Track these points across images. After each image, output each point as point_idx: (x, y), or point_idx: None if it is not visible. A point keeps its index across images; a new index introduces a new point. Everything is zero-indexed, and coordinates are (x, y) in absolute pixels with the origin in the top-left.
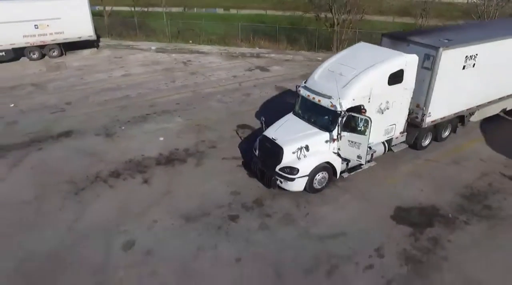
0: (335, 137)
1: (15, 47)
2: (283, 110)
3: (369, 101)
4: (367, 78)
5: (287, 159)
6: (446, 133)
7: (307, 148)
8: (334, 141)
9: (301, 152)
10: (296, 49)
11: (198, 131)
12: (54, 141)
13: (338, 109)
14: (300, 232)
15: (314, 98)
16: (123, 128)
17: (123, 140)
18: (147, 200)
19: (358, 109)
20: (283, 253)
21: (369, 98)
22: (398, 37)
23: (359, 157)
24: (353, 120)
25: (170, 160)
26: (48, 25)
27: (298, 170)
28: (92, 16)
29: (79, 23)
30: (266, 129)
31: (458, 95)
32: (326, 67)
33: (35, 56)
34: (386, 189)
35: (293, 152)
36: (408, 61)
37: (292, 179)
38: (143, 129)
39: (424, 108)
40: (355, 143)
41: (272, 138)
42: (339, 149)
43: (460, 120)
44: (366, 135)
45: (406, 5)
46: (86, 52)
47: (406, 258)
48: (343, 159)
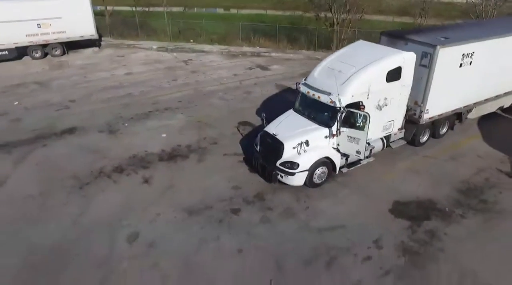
0: (335, 133)
1: (18, 46)
2: (284, 107)
3: (368, 98)
4: (366, 75)
5: (288, 154)
6: (444, 130)
7: (307, 143)
8: (334, 137)
9: (301, 147)
10: (296, 48)
11: (200, 128)
12: (58, 138)
13: (338, 105)
14: (300, 225)
15: (314, 95)
16: (126, 125)
17: (126, 137)
18: (150, 195)
19: (357, 106)
20: (284, 245)
21: (368, 95)
22: (397, 36)
23: (358, 152)
24: (352, 116)
25: (173, 156)
26: (51, 25)
27: (299, 165)
28: (94, 16)
29: (81, 23)
30: (267, 125)
31: (455, 93)
32: (326, 65)
33: (38, 55)
34: (385, 184)
35: (294, 147)
36: (406, 59)
37: (293, 174)
38: (146, 126)
39: (422, 105)
40: (354, 139)
41: (273, 134)
42: (339, 145)
43: (458, 117)
44: (365, 131)
45: (405, 5)
46: (88, 51)
47: (404, 250)
48: (343, 155)
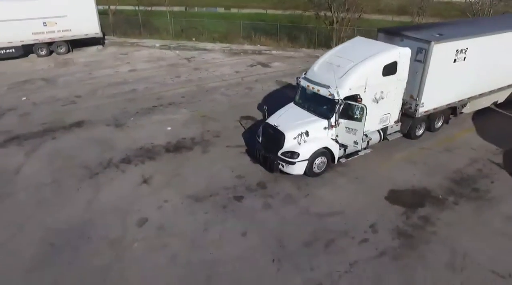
0: (333, 124)
1: (25, 44)
2: (284, 102)
3: (365, 91)
4: (363, 69)
5: (289, 144)
6: (439, 124)
7: (307, 134)
8: (332, 128)
9: (302, 138)
10: (297, 47)
11: (203, 122)
12: (67, 131)
13: (336, 98)
14: (301, 211)
15: (314, 88)
16: (132, 119)
17: (133, 130)
18: (158, 183)
19: (355, 98)
20: (285, 228)
21: (365, 88)
22: (393, 32)
23: (356, 143)
24: (350, 108)
25: (178, 148)
26: (56, 23)
27: (299, 154)
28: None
29: (86, 21)
30: (269, 117)
31: (450, 87)
32: (325, 60)
33: (43, 53)
34: (381, 174)
35: (294, 138)
36: (401, 54)
37: (293, 163)
38: (151, 120)
39: (417, 99)
40: (352, 130)
41: (275, 125)
42: (337, 136)
43: (453, 112)
44: (362, 122)
45: (405, 4)
46: (92, 49)
47: (398, 233)
48: (341, 145)
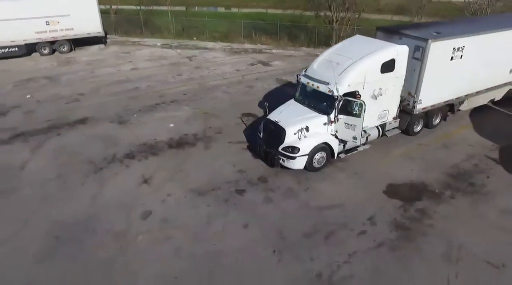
0: (333, 120)
1: (28, 43)
2: (284, 100)
3: (363, 88)
4: (362, 67)
5: (289, 140)
6: (437, 121)
7: (307, 129)
8: (332, 124)
9: (302, 133)
10: (297, 46)
11: (205, 119)
12: (71, 128)
13: (335, 94)
14: (301, 204)
15: (314, 85)
16: (135, 116)
17: (136, 127)
18: (161, 178)
19: (353, 94)
20: (286, 221)
21: (363, 85)
22: (391, 31)
23: (355, 138)
24: (349, 104)
25: (181, 144)
26: (59, 22)
27: (299, 149)
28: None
29: (88, 20)
30: (270, 113)
31: (447, 84)
32: (325, 57)
33: (46, 52)
34: (380, 169)
35: (295, 133)
36: (399, 52)
37: (294, 158)
38: (154, 117)
39: (415, 96)
40: (351, 125)
41: (276, 121)
42: (337, 131)
43: (450, 109)
44: (361, 118)
45: (404, 4)
46: (94, 48)
47: (396, 226)
48: (340, 141)
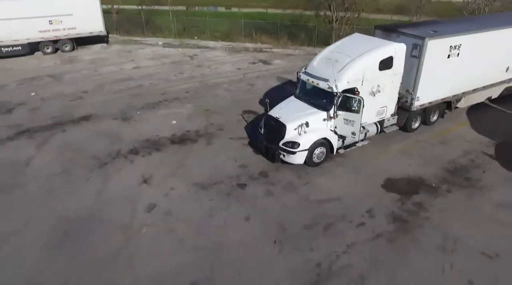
0: (332, 116)
1: (31, 42)
2: (284, 97)
3: (362, 84)
4: (360, 64)
5: (290, 135)
6: (435, 118)
7: (307, 125)
8: (331, 119)
9: (302, 129)
10: (297, 45)
11: (207, 116)
12: (75, 125)
13: (334, 91)
14: (301, 198)
15: (313, 82)
16: (138, 113)
17: (139, 123)
18: (164, 173)
19: (352, 91)
20: (286, 214)
21: (362, 82)
22: (390, 29)
23: (353, 134)
24: (348, 101)
25: (183, 140)
26: (62, 21)
27: (299, 145)
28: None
29: (91, 19)
30: (271, 110)
31: (444, 82)
32: (324, 55)
33: (49, 51)
34: (378, 164)
35: (295, 129)
36: (397, 49)
37: (294, 153)
38: (157, 114)
39: (413, 93)
40: (350, 121)
41: (276, 117)
42: (336, 127)
43: (447, 106)
44: (359, 114)
45: (403, 3)
46: (97, 47)
47: (394, 218)
48: (339, 136)
